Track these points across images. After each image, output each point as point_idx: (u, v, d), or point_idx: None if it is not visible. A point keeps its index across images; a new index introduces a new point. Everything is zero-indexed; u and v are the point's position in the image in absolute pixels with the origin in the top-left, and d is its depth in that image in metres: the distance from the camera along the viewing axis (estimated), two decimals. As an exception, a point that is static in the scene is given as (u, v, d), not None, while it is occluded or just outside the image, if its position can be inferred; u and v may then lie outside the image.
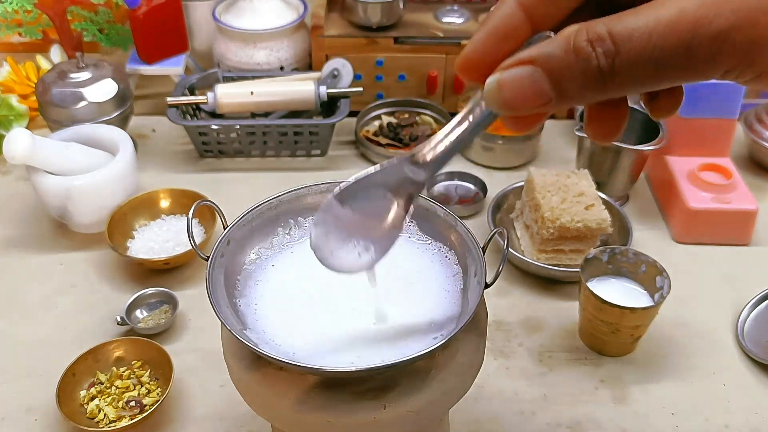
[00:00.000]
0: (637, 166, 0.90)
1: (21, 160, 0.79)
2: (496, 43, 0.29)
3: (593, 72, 0.26)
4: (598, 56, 0.26)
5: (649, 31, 0.25)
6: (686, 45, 0.25)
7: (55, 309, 0.79)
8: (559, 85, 0.27)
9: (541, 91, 0.27)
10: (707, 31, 0.25)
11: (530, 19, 0.29)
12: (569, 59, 0.26)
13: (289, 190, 0.52)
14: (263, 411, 0.45)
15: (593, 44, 0.26)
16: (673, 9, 0.25)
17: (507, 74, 0.28)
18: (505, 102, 0.28)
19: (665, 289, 0.70)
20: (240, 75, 1.06)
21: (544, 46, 0.27)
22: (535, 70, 0.27)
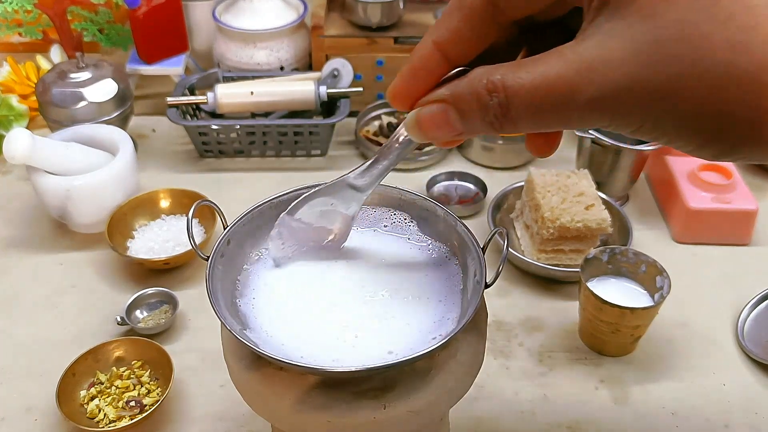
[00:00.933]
0: (637, 166, 0.90)
1: (21, 160, 0.79)
2: (417, 79, 0.33)
3: (490, 117, 0.30)
4: (493, 105, 0.29)
5: (534, 89, 0.28)
6: (562, 108, 0.28)
7: (55, 309, 0.79)
8: (467, 121, 0.31)
9: (452, 125, 0.32)
10: (579, 98, 0.28)
11: (445, 58, 0.32)
12: (472, 102, 0.30)
13: (289, 190, 0.52)
14: (263, 411, 0.45)
15: (490, 93, 0.29)
16: (554, 69, 0.28)
17: (424, 111, 0.33)
18: (424, 134, 0.33)
19: (665, 289, 0.70)
20: (240, 75, 1.06)
21: (455, 86, 0.31)
22: (447, 108, 0.31)
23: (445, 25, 0.32)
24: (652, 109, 0.27)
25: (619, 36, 0.27)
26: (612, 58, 0.27)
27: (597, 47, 0.28)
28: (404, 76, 0.34)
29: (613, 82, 0.27)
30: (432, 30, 0.32)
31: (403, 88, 0.34)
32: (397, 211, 0.52)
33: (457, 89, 0.31)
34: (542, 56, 0.29)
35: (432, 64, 0.32)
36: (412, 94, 0.34)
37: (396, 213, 0.52)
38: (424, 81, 0.33)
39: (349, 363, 0.41)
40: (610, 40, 0.27)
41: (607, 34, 0.27)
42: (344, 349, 0.43)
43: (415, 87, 0.33)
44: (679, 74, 0.26)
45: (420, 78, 0.33)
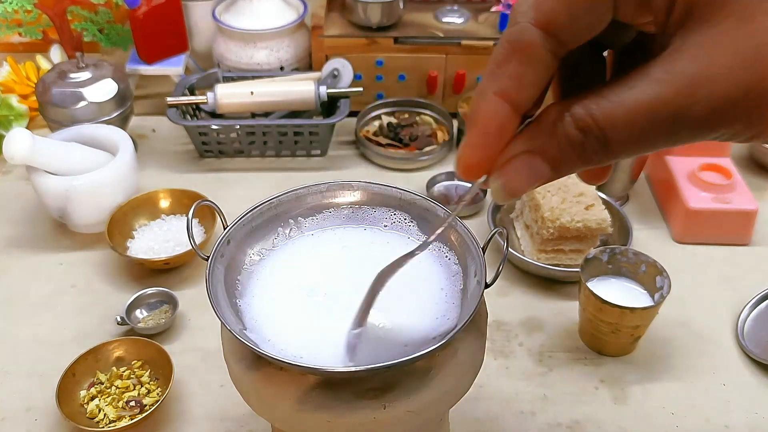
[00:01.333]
0: (637, 166, 0.90)
1: (21, 160, 0.79)
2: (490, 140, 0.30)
3: (588, 154, 0.28)
4: (590, 142, 0.28)
5: (632, 118, 0.27)
6: (671, 130, 0.27)
7: (55, 309, 0.79)
8: (558, 166, 0.29)
9: (541, 175, 0.29)
10: (689, 117, 0.26)
11: (513, 108, 0.29)
12: (564, 145, 0.28)
13: (289, 190, 0.52)
14: (263, 411, 0.45)
15: (583, 132, 0.27)
16: (650, 93, 0.26)
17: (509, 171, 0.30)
18: (512, 196, 0.30)
19: (665, 289, 0.70)
20: (240, 75, 1.06)
21: (534, 134, 0.29)
22: (533, 158, 0.29)
23: (505, 72, 0.28)
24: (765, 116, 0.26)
25: (719, 45, 0.26)
26: (716, 71, 0.26)
27: (694, 62, 0.26)
28: (475, 142, 0.30)
29: (723, 95, 0.26)
30: (488, 83, 0.29)
31: (477, 156, 0.30)
32: (397, 211, 0.52)
33: (539, 137, 0.29)
34: (626, 81, 0.27)
35: (502, 119, 0.29)
36: (489, 158, 0.30)
37: (396, 213, 0.52)
38: (499, 140, 0.30)
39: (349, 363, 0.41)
40: (709, 50, 0.26)
41: (703, 46, 0.26)
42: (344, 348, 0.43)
43: (490, 150, 0.30)
44: None
45: (493, 138, 0.30)
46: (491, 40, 1.04)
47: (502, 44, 0.29)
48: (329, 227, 0.52)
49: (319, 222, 0.52)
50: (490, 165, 0.30)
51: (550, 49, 0.28)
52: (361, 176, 0.97)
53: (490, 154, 0.30)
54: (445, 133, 1.04)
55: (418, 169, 1.01)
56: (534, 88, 0.29)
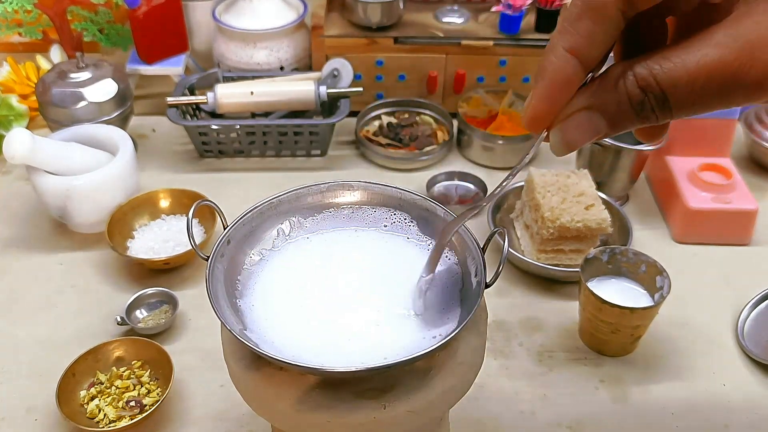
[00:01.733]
0: (637, 166, 0.90)
1: (21, 160, 0.79)
2: (557, 94, 0.31)
3: (646, 112, 0.30)
4: (651, 101, 0.29)
5: (692, 79, 0.28)
6: (726, 92, 0.28)
7: (55, 309, 0.79)
8: (615, 122, 0.31)
9: (598, 130, 0.31)
10: (746, 79, 0.28)
11: (581, 64, 0.31)
12: (624, 104, 0.30)
13: (289, 190, 0.52)
14: (263, 411, 0.45)
15: (645, 90, 0.29)
16: (711, 55, 0.28)
17: (570, 125, 0.32)
18: (569, 148, 0.32)
19: (665, 289, 0.70)
20: (240, 75, 1.06)
21: (596, 93, 0.31)
22: (592, 114, 0.31)
23: (576, 29, 0.30)
24: None
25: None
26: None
27: (755, 27, 0.27)
28: (543, 93, 0.32)
29: None
30: (559, 38, 0.30)
31: (544, 108, 0.32)
32: (397, 211, 0.52)
33: (601, 94, 0.30)
34: (689, 44, 0.28)
35: (569, 74, 0.31)
36: (554, 110, 0.32)
37: (396, 213, 0.52)
38: (564, 94, 0.31)
39: (349, 363, 0.41)
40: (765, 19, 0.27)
41: (765, 13, 0.27)
42: (344, 349, 0.43)
43: (555, 103, 0.32)
44: None
45: (558, 91, 0.31)
46: (491, 40, 1.04)
47: (575, 3, 0.30)
48: (329, 227, 0.52)
49: (319, 222, 0.52)
50: (554, 118, 0.32)
51: (621, 9, 0.29)
52: (361, 176, 0.97)
53: (556, 107, 0.32)
54: (445, 133, 1.04)
55: (418, 169, 1.01)
56: (603, 45, 0.30)
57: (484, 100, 1.05)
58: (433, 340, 0.43)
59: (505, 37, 1.04)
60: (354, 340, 0.44)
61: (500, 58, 1.04)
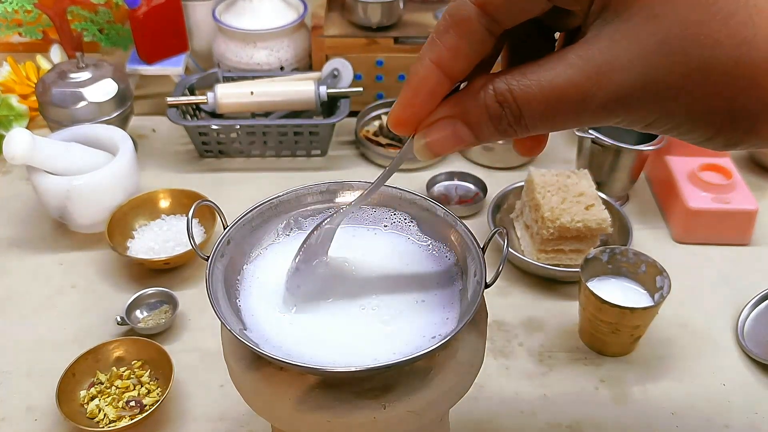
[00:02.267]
0: (637, 166, 0.90)
1: (21, 160, 0.79)
2: (419, 101, 0.33)
3: (503, 126, 0.31)
4: (506, 115, 0.30)
5: (545, 97, 0.29)
6: (575, 111, 0.29)
7: (55, 309, 0.79)
8: (477, 131, 0.32)
9: (462, 138, 0.32)
10: (593, 102, 0.29)
11: (446, 75, 0.32)
12: (483, 114, 0.31)
13: (289, 190, 0.52)
14: (263, 411, 0.45)
15: (501, 104, 0.30)
16: (563, 76, 0.29)
17: (432, 131, 0.33)
18: (433, 153, 0.34)
19: (665, 289, 0.70)
20: (240, 75, 1.06)
21: (460, 101, 0.32)
22: (455, 123, 0.32)
23: (442, 42, 0.31)
24: (663, 106, 0.28)
25: (625, 38, 0.28)
26: (621, 62, 0.28)
27: (604, 51, 0.28)
28: (406, 100, 0.33)
29: (625, 84, 0.28)
30: (427, 50, 0.32)
31: (406, 113, 0.33)
32: (397, 211, 0.52)
33: (463, 104, 0.32)
34: (545, 62, 0.29)
35: (433, 84, 0.32)
36: (417, 117, 0.33)
37: (396, 213, 0.52)
38: (427, 102, 0.33)
39: (349, 363, 0.41)
40: (617, 43, 0.28)
41: (612, 38, 0.28)
42: (344, 348, 0.43)
43: (418, 110, 0.33)
44: (687, 73, 0.27)
45: (422, 100, 0.33)
46: (491, 40, 1.03)
47: (444, 16, 0.31)
48: (329, 227, 0.52)
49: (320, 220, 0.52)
50: (418, 123, 0.34)
51: (485, 26, 0.30)
52: (361, 176, 0.97)
53: (419, 113, 0.33)
54: (445, 133, 1.04)
55: (418, 169, 1.01)
56: (467, 59, 0.31)
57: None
58: (433, 340, 0.43)
59: (505, 37, 1.04)
60: (354, 340, 0.44)
61: (500, 58, 1.04)
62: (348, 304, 0.46)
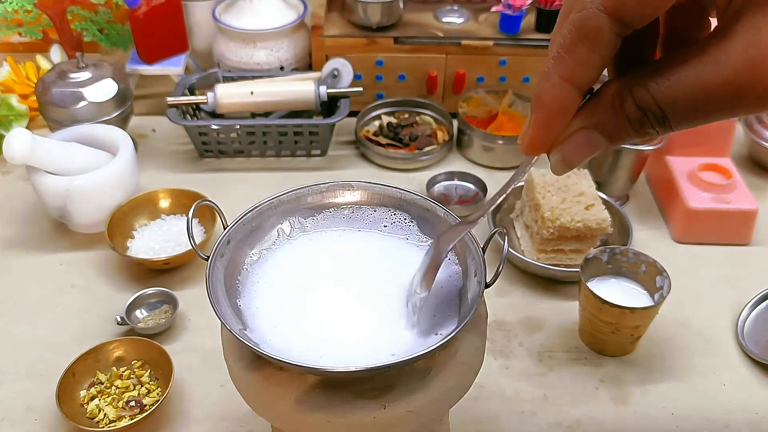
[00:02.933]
0: (637, 166, 0.90)
1: (21, 160, 0.79)
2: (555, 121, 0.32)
3: (646, 128, 0.30)
4: (650, 119, 0.29)
5: (692, 98, 0.28)
6: (730, 107, 0.28)
7: (55, 309, 0.79)
8: (614, 138, 0.31)
9: (598, 147, 0.32)
10: (749, 96, 0.28)
11: (578, 90, 0.31)
12: (622, 122, 0.30)
13: (289, 190, 0.52)
14: (263, 411, 0.45)
15: (643, 109, 0.29)
16: (710, 72, 0.28)
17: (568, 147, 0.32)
18: (569, 166, 0.33)
19: (665, 289, 0.70)
20: (240, 75, 1.06)
21: (593, 113, 0.31)
22: (591, 133, 0.31)
23: (571, 57, 0.30)
24: None
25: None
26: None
27: (753, 44, 0.27)
28: (538, 122, 0.32)
29: None
30: (554, 67, 0.30)
31: (542, 135, 0.32)
32: (398, 211, 0.52)
33: (598, 114, 0.31)
34: (682, 60, 0.28)
35: (566, 101, 0.31)
36: (552, 137, 0.32)
37: (396, 213, 0.52)
38: (562, 120, 0.32)
39: (349, 363, 0.41)
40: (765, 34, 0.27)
41: (760, 30, 0.27)
42: (344, 349, 0.43)
43: (552, 130, 0.32)
44: None
45: (555, 119, 0.32)
46: (491, 40, 1.04)
47: (570, 29, 0.30)
48: (329, 227, 0.52)
49: (319, 222, 0.52)
50: (552, 142, 0.33)
51: (616, 32, 0.29)
52: (361, 176, 0.97)
53: (554, 131, 0.32)
54: (445, 133, 1.04)
55: (418, 169, 1.01)
56: (599, 69, 0.30)
57: (484, 100, 1.05)
58: (433, 340, 0.43)
59: (505, 37, 1.04)
60: (354, 340, 0.44)
61: (500, 58, 1.04)
62: (348, 304, 0.46)
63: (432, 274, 0.43)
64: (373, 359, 0.42)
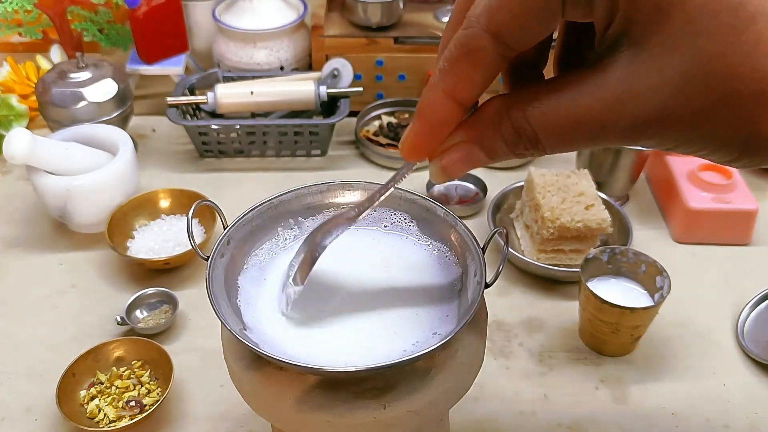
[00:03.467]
0: (637, 166, 0.90)
1: (21, 160, 0.79)
2: (433, 131, 0.33)
3: (520, 149, 0.31)
4: (523, 141, 0.30)
5: (561, 124, 0.29)
6: (593, 138, 0.29)
7: (55, 309, 0.79)
8: (493, 155, 0.32)
9: (478, 161, 0.33)
10: (613, 129, 0.28)
11: (459, 105, 0.32)
12: (499, 141, 0.31)
13: (289, 190, 0.52)
14: (263, 411, 0.45)
15: (518, 132, 0.30)
16: (581, 103, 0.29)
17: (449, 157, 0.33)
18: (449, 177, 0.34)
19: (665, 289, 0.70)
20: (240, 75, 1.06)
21: (474, 126, 0.32)
22: (471, 147, 0.32)
23: (454, 72, 0.31)
24: (684, 134, 0.28)
25: (645, 68, 0.27)
26: (641, 92, 0.27)
27: (623, 80, 0.28)
28: (419, 131, 0.33)
29: (644, 114, 0.28)
30: (439, 80, 0.31)
31: (420, 142, 0.33)
32: (397, 211, 0.52)
33: (478, 130, 0.32)
34: (560, 86, 0.29)
35: (446, 113, 0.32)
36: (431, 145, 0.33)
37: (396, 213, 0.52)
38: (441, 131, 0.33)
39: (349, 363, 0.41)
40: (636, 72, 0.27)
41: (631, 66, 0.27)
42: (344, 348, 0.43)
43: (432, 138, 0.33)
44: (709, 105, 0.27)
45: (436, 129, 0.33)
46: (491, 40, 1.03)
47: (456, 45, 0.30)
48: (329, 227, 0.52)
49: (320, 222, 0.52)
50: (433, 150, 0.34)
51: (499, 53, 0.30)
52: (361, 176, 0.97)
53: (433, 141, 0.33)
54: (445, 133, 1.04)
55: (418, 169, 1.00)
56: (480, 88, 0.31)
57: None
58: (433, 340, 0.43)
59: (505, 37, 1.04)
60: (354, 340, 0.44)
61: (500, 58, 1.04)
62: (347, 304, 0.46)
63: (306, 269, 0.43)
64: (373, 359, 0.42)
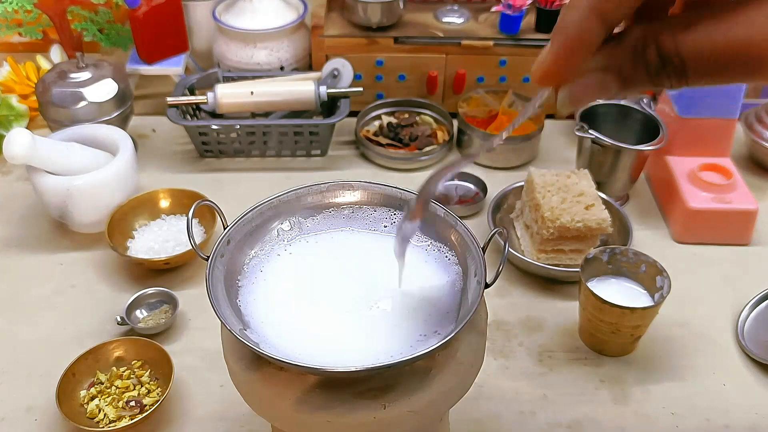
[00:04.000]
0: (637, 166, 0.90)
1: (21, 160, 0.79)
2: (574, 52, 0.30)
3: (662, 78, 0.29)
4: (668, 70, 0.28)
5: (717, 55, 0.27)
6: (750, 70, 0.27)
7: (55, 309, 0.79)
8: (627, 84, 0.30)
9: (607, 89, 0.30)
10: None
11: (604, 23, 0.29)
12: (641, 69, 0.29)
13: (289, 190, 0.52)
14: (263, 411, 0.45)
15: (665, 59, 0.28)
16: (741, 32, 0.27)
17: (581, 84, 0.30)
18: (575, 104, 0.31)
19: (665, 289, 0.70)
20: (240, 75, 1.06)
21: (612, 55, 0.29)
22: (605, 75, 0.30)
23: None
24: None
25: None
26: None
27: None
28: (559, 53, 0.30)
29: None
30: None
31: (556, 67, 0.30)
32: (398, 211, 0.52)
33: (618, 56, 0.29)
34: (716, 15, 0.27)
35: (591, 35, 0.29)
36: (568, 70, 0.30)
37: (396, 213, 0.52)
38: (582, 54, 0.30)
39: (349, 363, 0.41)
40: None
41: None
42: (344, 348, 0.43)
43: (570, 62, 0.30)
44: None
45: (577, 52, 0.30)
46: (491, 40, 1.04)
47: None
48: (329, 227, 0.52)
49: (320, 222, 0.52)
50: (568, 75, 0.31)
51: None
52: (361, 176, 0.97)
53: (572, 65, 0.30)
54: (445, 133, 1.04)
55: (418, 169, 1.01)
56: (632, 5, 0.29)
57: (484, 100, 1.05)
58: (433, 340, 0.43)
59: (505, 37, 1.04)
60: (354, 340, 0.44)
61: (500, 58, 1.04)
62: (347, 304, 0.46)
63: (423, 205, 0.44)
64: (372, 359, 0.42)
